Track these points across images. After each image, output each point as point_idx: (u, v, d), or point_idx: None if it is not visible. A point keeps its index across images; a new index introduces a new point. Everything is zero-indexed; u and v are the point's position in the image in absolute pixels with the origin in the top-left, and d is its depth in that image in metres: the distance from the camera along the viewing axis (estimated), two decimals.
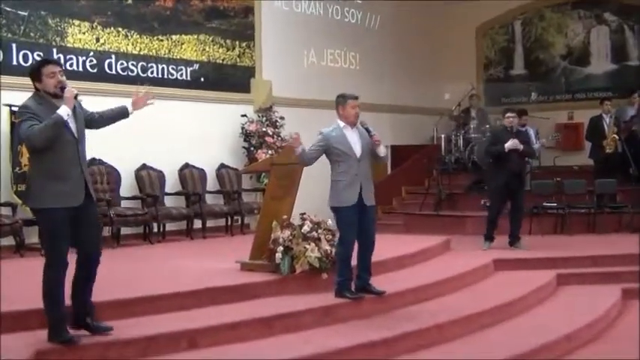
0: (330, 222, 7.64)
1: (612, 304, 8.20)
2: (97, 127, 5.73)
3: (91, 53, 10.76)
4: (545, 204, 12.12)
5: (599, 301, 8.19)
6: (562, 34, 16.46)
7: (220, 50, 12.36)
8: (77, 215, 5.33)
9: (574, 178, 12.74)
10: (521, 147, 10.12)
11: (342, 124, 7.04)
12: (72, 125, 5.37)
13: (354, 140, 7.01)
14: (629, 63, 15.77)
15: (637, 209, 12.11)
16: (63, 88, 5.36)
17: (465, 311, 7.16)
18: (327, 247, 7.41)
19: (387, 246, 8.94)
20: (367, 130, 7.05)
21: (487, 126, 14.63)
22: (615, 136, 12.68)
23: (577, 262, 9.65)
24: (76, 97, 5.38)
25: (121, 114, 5.80)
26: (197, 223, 11.31)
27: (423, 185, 14.36)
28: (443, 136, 15.37)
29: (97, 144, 5.78)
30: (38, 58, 9.58)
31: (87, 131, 5.56)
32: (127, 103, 5.83)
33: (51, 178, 5.27)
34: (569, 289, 8.93)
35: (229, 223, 11.80)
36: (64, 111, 5.28)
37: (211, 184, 12.01)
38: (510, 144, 10.06)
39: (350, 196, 6.91)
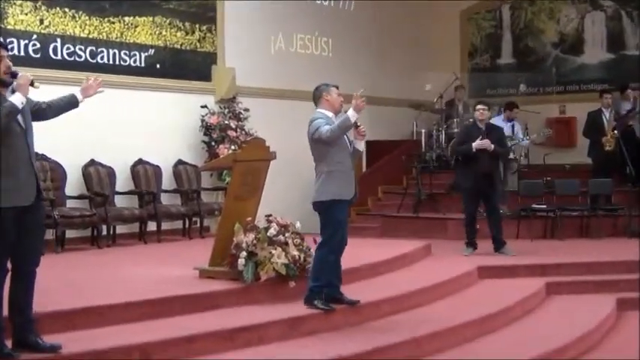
0: (299, 224, 7.65)
1: (606, 315, 8.29)
2: (45, 119, 5.66)
3: (34, 36, 10.67)
4: (534, 206, 12.22)
5: (592, 312, 8.27)
6: (554, 19, 16.55)
7: (178, 34, 12.30)
8: (23, 217, 5.25)
9: (566, 178, 12.88)
10: (491, 147, 10.17)
11: (328, 113, 7.07)
12: (19, 116, 5.30)
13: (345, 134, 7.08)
14: (626, 52, 15.86)
15: (634, 212, 12.24)
16: (14, 75, 5.29)
17: (446, 323, 7.19)
18: (296, 253, 7.41)
19: (361, 251, 8.97)
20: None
21: (471, 120, 14.69)
22: (615, 132, 12.80)
23: (568, 269, 9.74)
24: (32, 84, 5.30)
25: (71, 103, 5.75)
26: (151, 226, 11.26)
27: (401, 185, 14.41)
28: (423, 130, 15.40)
29: (40, 137, 5.71)
30: None
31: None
32: (75, 91, 5.80)
33: None
34: (559, 299, 9.02)
35: (187, 225, 11.76)
36: (18, 99, 5.21)
37: (167, 182, 11.97)
38: (478, 144, 10.14)
39: (347, 189, 6.95)
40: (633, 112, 13.94)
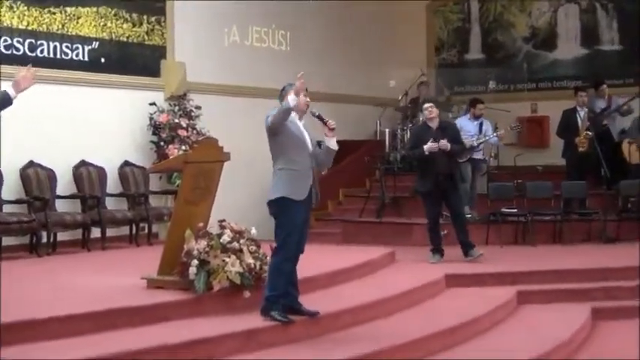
0: (254, 231, 7.64)
1: (581, 325, 8.37)
2: None
3: None
4: (504, 210, 12.31)
5: (565, 323, 8.34)
6: (525, 13, 16.68)
7: (125, 26, 12.24)
8: None
9: (538, 180, 12.96)
10: (447, 147, 10.25)
11: (293, 114, 7.08)
12: None
13: (305, 134, 7.10)
14: (601, 47, 16.02)
15: (609, 216, 12.38)
16: None
17: (410, 335, 7.22)
18: (251, 261, 7.40)
19: (320, 258, 8.97)
20: (318, 117, 7.11)
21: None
22: (588, 132, 12.90)
23: (540, 277, 9.82)
24: None
25: (3, 100, 5.69)
26: (95, 232, 11.19)
27: (364, 187, 14.46)
28: (387, 130, 15.47)
29: None
30: None
31: None
32: (7, 86, 5.73)
33: None
34: (531, 309, 9.08)
35: (134, 231, 11.69)
36: None
37: (112, 185, 11.89)
38: (429, 147, 10.21)
39: (300, 189, 6.94)
40: (608, 110, 14.09)
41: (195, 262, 7.27)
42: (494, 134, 12.96)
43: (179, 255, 7.47)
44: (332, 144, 7.13)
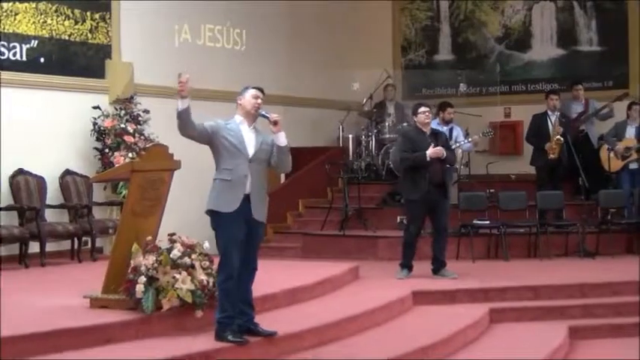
0: (207, 244, 7.62)
1: (558, 345, 8.43)
2: None
3: None
4: (475, 222, 12.38)
5: (541, 342, 8.40)
6: (498, 11, 16.81)
7: (66, 23, 12.18)
8: None
9: (511, 190, 13.05)
10: (444, 154, 10.31)
11: (239, 118, 7.19)
12: None
13: (250, 139, 7.11)
14: (578, 48, 16.16)
15: (588, 228, 12.49)
16: None
17: (376, 356, 7.24)
18: (204, 277, 7.38)
19: (279, 275, 8.98)
20: (263, 115, 7.14)
21: (404, 124, 14.85)
22: (560, 137, 12.94)
23: (515, 293, 9.88)
24: None
25: None
26: (34, 247, 11.10)
27: (326, 198, 14.47)
28: (351, 136, 15.52)
29: None
30: None
31: None
32: None
33: None
34: (504, 328, 9.13)
35: (76, 246, 11.62)
36: None
37: (53, 196, 11.81)
38: (433, 152, 10.23)
39: (230, 200, 6.94)
40: (585, 114, 14.21)
41: (142, 279, 7.23)
42: (468, 140, 13.01)
43: (125, 272, 7.44)
44: (280, 140, 7.12)
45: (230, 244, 6.90)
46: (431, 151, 10.22)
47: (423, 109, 10.52)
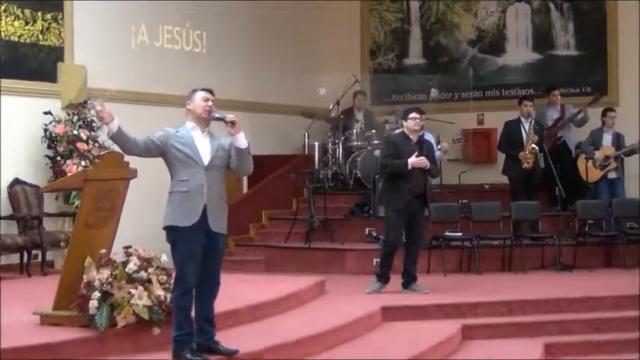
0: (165, 258, 7.60)
1: None
2: None
3: None
4: (447, 234, 12.41)
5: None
6: (471, 13, 16.85)
7: (16, 24, 12.11)
8: None
9: (485, 200, 13.11)
10: (427, 165, 10.33)
11: (190, 124, 7.12)
12: None
13: (204, 146, 7.07)
14: (555, 52, 16.23)
15: (565, 241, 12.56)
16: None
17: None
18: (161, 293, 7.36)
19: (241, 289, 8.97)
20: (217, 118, 7.08)
21: (373, 131, 14.88)
22: (535, 146, 12.99)
23: (488, 309, 9.93)
24: None
25: None
26: None
27: (290, 209, 14.46)
28: (317, 143, 15.51)
29: None
30: None
31: None
32: None
33: None
34: (477, 345, 9.17)
35: (25, 259, 11.54)
36: None
37: (1, 206, 11.73)
38: (416, 161, 10.25)
39: (189, 213, 6.91)
40: (562, 121, 14.29)
41: (96, 294, 7.20)
42: (437, 148, 13.03)
43: (78, 287, 7.40)
44: (239, 142, 7.02)
45: (187, 258, 6.88)
46: (413, 160, 10.23)
47: (414, 114, 10.51)
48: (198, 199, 6.94)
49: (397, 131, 11.60)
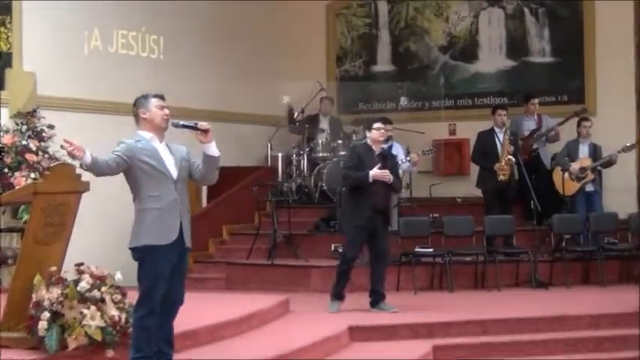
0: (120, 275, 7.56)
1: None
2: None
3: None
4: (417, 250, 12.42)
5: None
6: (442, 18, 16.89)
7: None
8: None
9: (457, 214, 13.14)
10: (390, 179, 10.34)
11: (147, 134, 7.00)
12: None
13: (168, 158, 7.00)
14: (530, 59, 16.27)
15: (540, 257, 12.61)
16: None
17: None
18: (115, 313, 7.33)
19: (200, 309, 8.93)
20: (185, 126, 7.01)
21: (339, 142, 14.88)
22: (511, 157, 13.03)
23: (461, 328, 9.95)
24: None
25: None
26: None
27: (252, 223, 14.44)
28: (280, 154, 15.50)
29: None
30: None
31: None
32: None
33: None
34: None
35: None
36: None
37: None
38: (379, 173, 10.26)
39: (166, 231, 6.86)
40: (539, 132, 14.34)
41: (46, 314, 7.16)
42: (407, 159, 13.06)
43: (26, 306, 7.35)
44: (211, 150, 7.04)
45: (158, 278, 6.80)
46: (374, 173, 10.25)
47: (378, 125, 10.55)
48: (174, 216, 6.89)
49: (362, 141, 11.61)
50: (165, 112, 7.04)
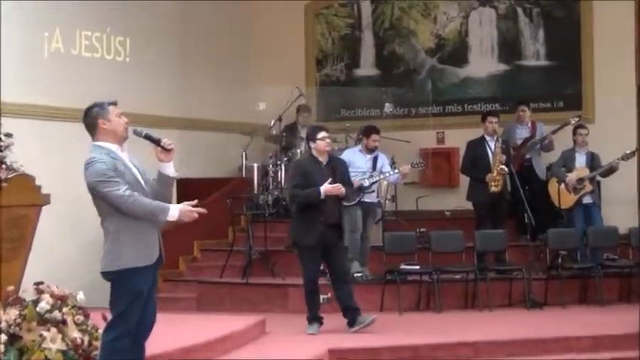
0: (82, 296, 7.55)
1: None
2: None
3: None
4: (403, 267, 12.42)
5: None
6: (429, 18, 16.90)
7: None
8: None
9: (446, 229, 13.16)
10: (343, 191, 10.35)
11: (112, 146, 6.89)
12: None
13: (134, 168, 6.93)
14: (523, 62, 16.31)
15: (535, 274, 12.63)
16: None
17: None
18: (77, 335, 7.32)
19: (170, 331, 8.92)
20: (148, 137, 6.92)
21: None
22: (503, 167, 13.03)
23: (449, 351, 9.96)
24: None
25: None
26: None
27: (226, 239, 14.43)
28: (256, 165, 15.48)
29: None
30: None
31: None
32: None
33: None
34: None
35: None
36: None
37: None
38: (330, 188, 10.27)
39: (148, 250, 6.83)
40: (532, 140, 14.35)
41: (2, 337, 7.14)
42: (395, 171, 12.94)
43: None
44: (169, 170, 6.96)
45: (137, 298, 6.75)
46: (326, 188, 10.27)
47: (323, 134, 10.57)
48: (153, 233, 6.87)
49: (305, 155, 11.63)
50: (126, 120, 6.96)
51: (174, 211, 6.77)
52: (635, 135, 13.05)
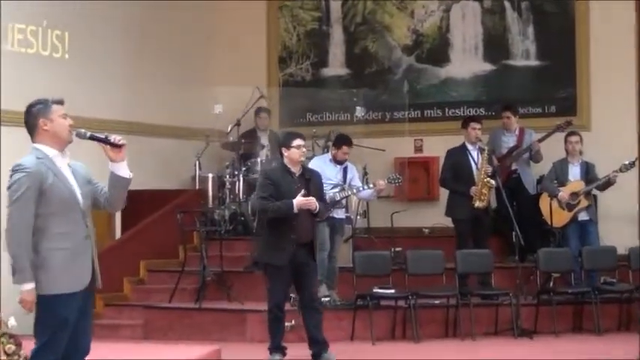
0: (14, 322, 7.52)
1: None
2: None
3: None
4: (376, 291, 12.41)
5: None
6: (406, 12, 16.93)
7: None
8: None
9: (424, 248, 13.15)
10: (317, 206, 10.34)
11: (50, 151, 6.81)
12: None
13: (72, 180, 6.82)
14: (511, 62, 16.34)
15: (524, 299, 12.65)
16: None
17: None
18: None
19: None
20: (94, 137, 6.83)
21: (274, 163, 14.86)
22: (490, 180, 13.03)
23: None
24: None
25: None
26: None
27: (176, 258, 14.40)
28: (211, 175, 15.46)
29: None
30: None
31: None
32: None
33: None
34: None
35: None
36: None
37: None
38: (303, 201, 10.25)
39: (80, 277, 6.75)
40: (518, 150, 14.34)
41: None
42: (369, 185, 12.84)
43: None
44: (122, 171, 6.86)
45: (65, 327, 6.70)
46: (299, 201, 10.25)
47: (298, 141, 10.54)
48: (86, 256, 6.78)
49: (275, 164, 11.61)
50: (69, 122, 6.87)
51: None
52: (635, 143, 13.13)
